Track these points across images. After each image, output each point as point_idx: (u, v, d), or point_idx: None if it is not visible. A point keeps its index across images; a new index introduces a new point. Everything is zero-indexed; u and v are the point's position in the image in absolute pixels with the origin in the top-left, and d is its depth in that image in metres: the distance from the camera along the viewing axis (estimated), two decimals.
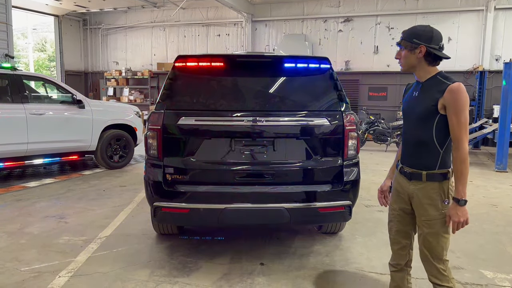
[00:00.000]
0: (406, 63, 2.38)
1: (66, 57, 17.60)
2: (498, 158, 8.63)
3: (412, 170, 2.42)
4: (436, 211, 2.34)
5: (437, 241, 2.37)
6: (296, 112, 3.67)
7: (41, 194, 6.22)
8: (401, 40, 2.38)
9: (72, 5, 15.99)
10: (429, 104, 2.29)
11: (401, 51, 2.39)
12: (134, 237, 4.39)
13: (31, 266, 3.64)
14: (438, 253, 2.38)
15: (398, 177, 2.57)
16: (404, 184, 2.49)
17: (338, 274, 3.61)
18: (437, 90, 2.27)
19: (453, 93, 2.21)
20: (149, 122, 3.65)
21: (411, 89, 2.52)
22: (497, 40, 12.94)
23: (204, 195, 3.57)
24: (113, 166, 8.18)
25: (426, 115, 2.31)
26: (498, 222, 5.10)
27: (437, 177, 2.34)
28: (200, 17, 16.27)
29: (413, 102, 2.42)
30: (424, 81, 2.37)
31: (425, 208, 2.37)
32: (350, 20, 14.45)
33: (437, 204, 2.34)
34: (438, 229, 2.35)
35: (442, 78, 2.31)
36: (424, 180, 2.36)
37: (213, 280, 3.43)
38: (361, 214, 5.25)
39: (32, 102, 7.02)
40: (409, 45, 2.33)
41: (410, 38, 2.33)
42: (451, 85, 2.23)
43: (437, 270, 2.40)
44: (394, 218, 2.60)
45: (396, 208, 2.58)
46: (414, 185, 2.42)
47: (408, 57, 2.36)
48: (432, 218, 2.35)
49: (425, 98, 2.33)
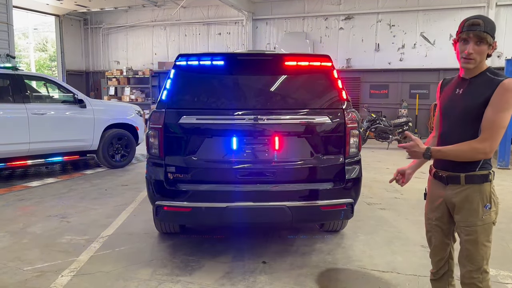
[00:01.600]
0: (481, 59, 2.12)
1: (67, 57, 17.62)
2: (500, 155, 8.61)
3: (448, 174, 2.25)
4: (476, 216, 2.18)
5: (477, 249, 2.19)
6: (297, 110, 3.66)
7: (43, 193, 6.23)
8: (483, 33, 2.07)
9: (73, 5, 16.00)
10: (477, 102, 2.12)
11: (477, 46, 2.08)
12: (136, 236, 4.39)
13: (34, 266, 3.65)
14: (477, 262, 2.20)
15: (432, 183, 2.42)
16: (439, 190, 2.33)
17: (340, 272, 3.61)
18: (487, 87, 2.10)
19: (504, 88, 2.03)
20: (150, 121, 3.65)
21: (451, 86, 2.33)
22: (499, 37, 12.85)
23: (206, 193, 3.57)
24: (115, 165, 8.19)
25: (473, 114, 2.13)
26: (501, 219, 5.05)
27: (477, 179, 2.18)
28: (201, 15, 16.26)
29: (457, 100, 2.23)
30: (472, 77, 2.18)
31: (464, 214, 2.21)
32: (351, 18, 14.42)
33: (477, 208, 2.17)
34: (478, 236, 2.18)
35: (491, 74, 2.13)
36: (463, 183, 2.19)
37: (216, 278, 3.43)
38: (363, 212, 5.25)
39: (33, 102, 7.03)
40: (491, 39, 2.08)
41: (493, 32, 2.09)
42: (505, 81, 2.05)
43: (472, 280, 2.22)
44: (431, 229, 2.45)
45: (432, 218, 2.42)
46: (451, 189, 2.25)
47: (485, 52, 2.10)
48: (471, 225, 2.19)
49: (472, 96, 2.15)
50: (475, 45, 2.08)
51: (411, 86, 13.82)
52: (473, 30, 2.07)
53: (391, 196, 6.21)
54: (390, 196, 6.18)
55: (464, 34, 2.10)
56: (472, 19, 2.10)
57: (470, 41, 2.09)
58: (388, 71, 14.05)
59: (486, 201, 2.18)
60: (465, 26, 2.11)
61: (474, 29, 2.07)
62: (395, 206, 5.64)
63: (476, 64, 2.13)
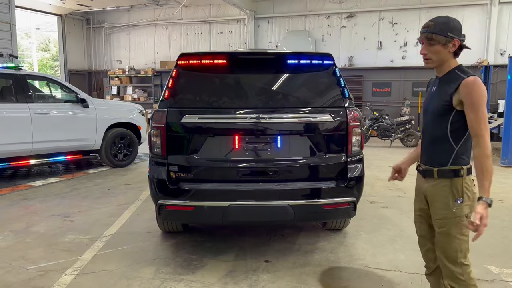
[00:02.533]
0: (439, 59, 2.21)
1: (70, 57, 17.66)
2: (504, 153, 8.57)
3: (425, 167, 2.36)
4: (447, 209, 2.24)
5: (449, 242, 2.26)
6: (299, 108, 3.66)
7: (47, 193, 6.25)
8: (431, 35, 2.17)
9: (75, 4, 16.02)
10: (443, 99, 2.21)
11: (430, 46, 2.19)
12: (139, 235, 4.41)
13: (38, 265, 3.66)
14: (451, 255, 2.26)
15: (417, 176, 2.52)
16: (420, 182, 2.45)
17: (343, 271, 3.61)
18: (452, 85, 2.18)
19: (468, 87, 2.10)
20: (152, 120, 3.66)
21: (431, 84, 2.44)
22: (502, 34, 12.85)
23: (208, 192, 3.57)
24: (118, 164, 8.20)
25: (441, 111, 2.23)
26: (504, 217, 5.07)
27: (448, 174, 2.25)
28: (203, 15, 16.26)
29: (431, 98, 2.35)
30: (442, 76, 2.28)
31: (435, 206, 2.30)
32: (353, 16, 14.39)
33: (448, 202, 2.24)
34: (450, 229, 2.24)
35: (460, 72, 2.20)
36: (436, 177, 2.29)
37: (218, 277, 3.44)
38: (365, 211, 5.24)
39: (36, 101, 7.04)
40: (443, 39, 2.15)
41: (443, 32, 2.14)
42: (466, 79, 2.12)
43: (451, 273, 2.28)
44: (416, 219, 2.55)
45: (417, 208, 2.52)
46: (427, 182, 2.36)
47: (440, 52, 2.18)
48: (442, 217, 2.26)
49: (440, 93, 2.25)
50: (427, 46, 2.21)
51: (414, 84, 13.79)
52: (423, 32, 2.21)
53: (393, 194, 6.20)
54: (392, 195, 6.17)
55: (419, 36, 2.26)
56: (427, 22, 2.23)
57: (423, 42, 2.23)
58: (391, 69, 14.02)
59: (458, 195, 2.23)
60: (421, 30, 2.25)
61: (423, 31, 2.21)
62: (397, 204, 5.63)
63: (434, 63, 2.25)
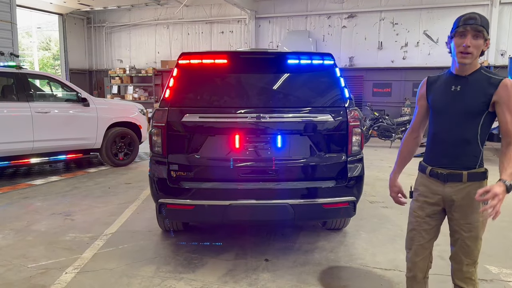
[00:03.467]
0: (477, 54, 2.13)
1: (71, 56, 17.67)
2: None
3: (449, 171, 2.24)
4: (477, 213, 2.21)
5: (476, 245, 2.25)
6: (300, 108, 3.67)
7: (47, 191, 6.26)
8: (480, 27, 2.09)
9: (76, 4, 16.04)
10: (480, 99, 2.14)
11: (474, 40, 2.09)
12: (139, 234, 4.42)
13: (38, 263, 3.68)
14: (474, 256, 2.27)
15: (425, 181, 2.38)
16: (437, 187, 2.31)
17: (343, 270, 3.62)
18: (488, 85, 2.13)
19: (508, 89, 2.08)
20: (153, 119, 3.67)
21: (444, 83, 2.29)
22: (502, 35, 12.85)
23: (208, 191, 3.59)
24: (118, 163, 8.22)
25: (475, 111, 2.15)
26: (504, 217, 5.05)
27: (479, 177, 2.21)
28: (204, 14, 16.27)
29: (455, 97, 2.21)
30: (469, 75, 2.18)
31: (466, 211, 2.23)
32: (354, 16, 14.39)
33: (479, 206, 2.20)
34: (478, 232, 2.24)
35: (487, 73, 2.17)
36: (465, 181, 2.20)
37: (218, 276, 3.45)
38: (365, 210, 5.25)
39: (37, 100, 7.06)
40: (487, 35, 2.10)
41: (487, 28, 2.11)
42: (506, 80, 2.10)
43: (467, 274, 2.29)
44: (418, 226, 2.40)
45: (422, 215, 2.38)
46: (451, 187, 2.25)
47: (480, 47, 2.11)
48: (474, 222, 2.22)
49: (474, 93, 2.15)
50: (472, 38, 2.09)
51: (414, 84, 13.77)
52: (470, 23, 2.09)
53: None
54: None
55: (461, 28, 2.11)
56: (468, 14, 2.14)
57: (468, 34, 2.09)
58: (391, 70, 14.02)
59: None
60: (462, 21, 2.12)
61: (471, 22, 2.09)
62: (397, 204, 5.62)
63: (473, 58, 2.13)
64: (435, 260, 2.49)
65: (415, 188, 2.48)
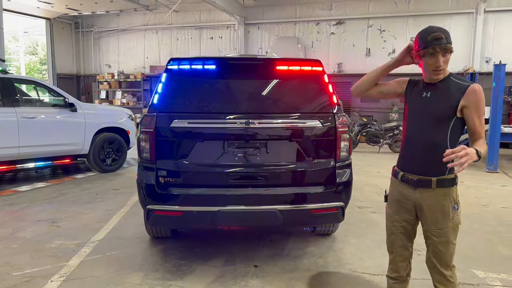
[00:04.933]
0: (446, 67, 2.22)
1: (58, 60, 17.49)
2: (489, 159, 8.72)
3: (418, 177, 2.29)
4: (447, 218, 2.27)
5: (447, 249, 2.30)
6: (288, 114, 3.68)
7: (33, 198, 6.17)
8: (450, 45, 2.16)
9: (64, 8, 15.90)
10: (449, 105, 2.22)
11: (444, 57, 2.17)
12: (127, 241, 4.37)
13: (23, 271, 3.61)
14: (447, 260, 2.32)
15: (398, 186, 2.43)
16: (408, 193, 2.37)
17: (332, 275, 3.63)
18: (456, 91, 2.21)
19: (476, 94, 2.17)
20: (141, 125, 3.65)
21: (418, 89, 2.37)
22: (487, 42, 13.09)
23: (197, 197, 3.57)
24: (106, 169, 8.14)
25: (444, 116, 2.23)
26: (489, 222, 5.15)
27: (448, 183, 2.26)
28: (193, 20, 16.27)
29: (426, 103, 2.29)
30: (439, 82, 2.27)
31: (436, 217, 2.28)
32: (342, 23, 14.54)
33: (448, 211, 2.26)
34: (449, 237, 2.28)
35: (456, 79, 2.26)
36: (434, 187, 2.26)
37: (207, 282, 3.43)
38: (354, 215, 5.28)
39: (23, 105, 6.98)
40: (452, 48, 2.18)
41: (451, 41, 2.17)
42: (474, 85, 2.19)
43: (444, 277, 2.33)
44: (396, 230, 2.46)
45: (399, 219, 2.44)
46: (420, 193, 2.30)
47: (449, 60, 2.20)
48: (443, 227, 2.27)
49: (443, 99, 2.24)
50: (442, 57, 2.17)
51: None
52: (441, 43, 2.14)
53: (382, 199, 6.17)
54: (381, 199, 6.17)
55: (430, 49, 2.16)
56: (433, 33, 2.16)
57: (438, 55, 2.16)
58: None
59: (454, 202, 2.28)
60: (429, 42, 2.15)
61: (439, 43, 2.14)
62: None
63: (444, 72, 2.25)
64: (424, 265, 2.51)
65: (390, 193, 2.54)
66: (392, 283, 2.56)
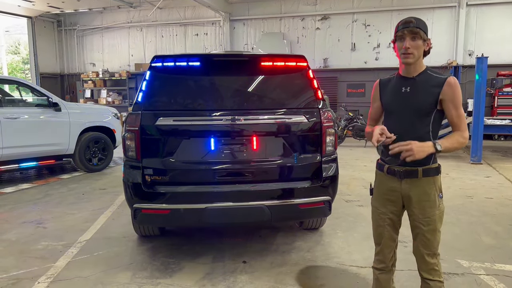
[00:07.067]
0: (418, 54, 2.26)
1: (41, 59, 17.22)
2: (473, 151, 8.87)
3: (405, 169, 2.34)
4: (434, 207, 2.33)
5: (434, 237, 2.36)
6: (274, 110, 3.69)
7: (18, 199, 6.08)
8: (416, 29, 2.22)
9: (45, 6, 15.64)
10: (428, 99, 2.28)
11: (413, 41, 2.23)
12: (115, 240, 4.34)
13: (9, 273, 3.56)
14: (434, 248, 2.37)
15: (383, 178, 2.48)
16: (395, 184, 2.41)
17: (320, 269, 3.66)
18: (434, 85, 2.27)
19: (452, 86, 2.24)
20: (126, 123, 3.62)
21: (394, 85, 2.42)
22: (470, 36, 13.28)
23: (184, 195, 3.56)
24: (92, 169, 8.05)
25: (425, 110, 2.29)
26: (473, 212, 5.24)
27: (433, 172, 2.33)
28: (178, 16, 16.16)
29: (406, 98, 2.34)
30: (417, 76, 2.32)
31: (423, 206, 2.33)
32: (327, 18, 14.59)
33: (435, 199, 2.32)
34: (436, 225, 2.34)
35: (433, 73, 2.32)
36: (420, 177, 2.31)
37: (196, 279, 3.43)
38: (341, 209, 5.32)
39: (6, 106, 6.85)
40: (424, 35, 2.24)
41: (425, 29, 2.25)
42: (449, 79, 2.26)
43: (430, 266, 2.39)
44: (383, 222, 2.49)
45: (386, 212, 2.48)
46: (407, 183, 2.35)
47: (420, 47, 2.25)
48: (431, 215, 2.33)
49: (422, 93, 2.29)
50: (410, 40, 2.24)
51: None
52: (407, 27, 2.25)
53: (368, 193, 6.30)
54: (367, 193, 6.25)
55: (399, 32, 2.27)
56: (405, 19, 2.29)
57: (406, 37, 2.25)
58: (365, 70, 14.27)
59: (439, 191, 2.36)
60: (400, 26, 2.28)
61: (407, 26, 2.25)
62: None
63: (415, 58, 2.27)
64: (410, 257, 2.55)
65: (376, 186, 2.58)
66: (378, 273, 2.60)
